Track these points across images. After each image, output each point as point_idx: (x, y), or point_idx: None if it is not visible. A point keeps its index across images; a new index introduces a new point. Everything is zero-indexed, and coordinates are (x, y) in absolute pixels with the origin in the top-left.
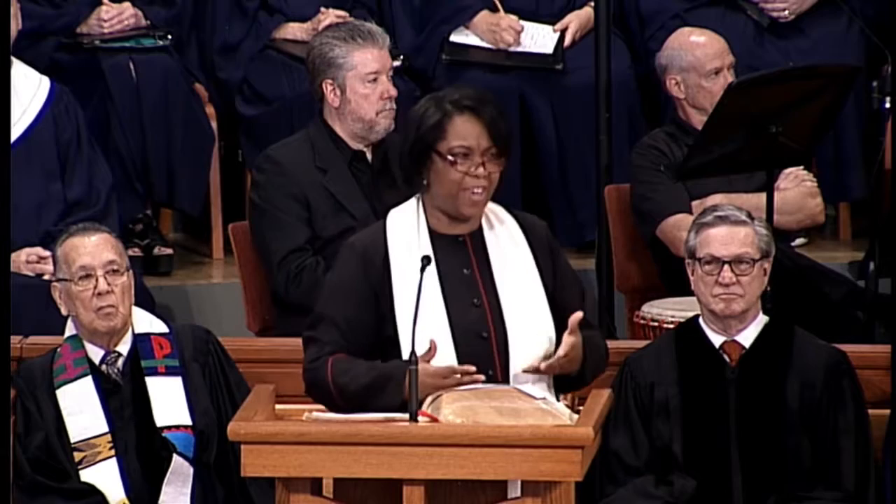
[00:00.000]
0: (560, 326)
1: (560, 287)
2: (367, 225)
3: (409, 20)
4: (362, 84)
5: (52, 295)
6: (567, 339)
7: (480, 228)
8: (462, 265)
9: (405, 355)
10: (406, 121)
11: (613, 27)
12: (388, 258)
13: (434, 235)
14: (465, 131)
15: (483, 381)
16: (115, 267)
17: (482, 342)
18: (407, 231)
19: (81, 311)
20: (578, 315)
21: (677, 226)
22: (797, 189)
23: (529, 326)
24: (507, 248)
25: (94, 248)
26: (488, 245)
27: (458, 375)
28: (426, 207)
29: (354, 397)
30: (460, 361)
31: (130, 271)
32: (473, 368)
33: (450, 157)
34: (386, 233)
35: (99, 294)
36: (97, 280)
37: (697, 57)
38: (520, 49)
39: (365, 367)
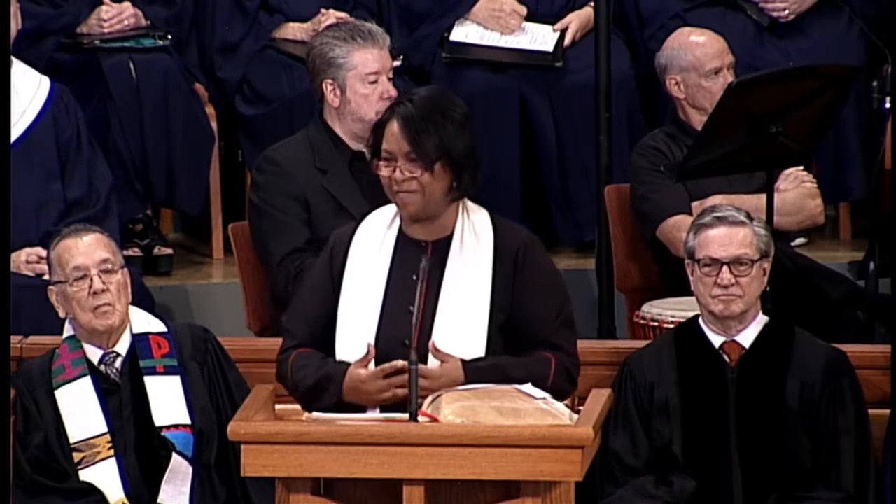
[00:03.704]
0: (515, 344)
1: (520, 304)
2: None
3: (405, 18)
4: (362, 84)
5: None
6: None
7: (451, 235)
8: (413, 271)
9: (339, 353)
10: None
11: (613, 27)
12: (347, 255)
13: (402, 239)
14: (391, 136)
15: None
16: (109, 266)
17: (402, 349)
18: (376, 231)
19: (78, 311)
20: (430, 344)
21: (677, 226)
22: (797, 190)
23: (453, 341)
24: (469, 259)
25: (86, 248)
26: (450, 254)
27: (390, 375)
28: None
29: (305, 395)
30: (376, 363)
31: (125, 269)
32: (401, 363)
33: (380, 160)
34: (356, 229)
35: (94, 293)
36: (92, 279)
37: (697, 57)
38: (520, 46)
39: (316, 365)
